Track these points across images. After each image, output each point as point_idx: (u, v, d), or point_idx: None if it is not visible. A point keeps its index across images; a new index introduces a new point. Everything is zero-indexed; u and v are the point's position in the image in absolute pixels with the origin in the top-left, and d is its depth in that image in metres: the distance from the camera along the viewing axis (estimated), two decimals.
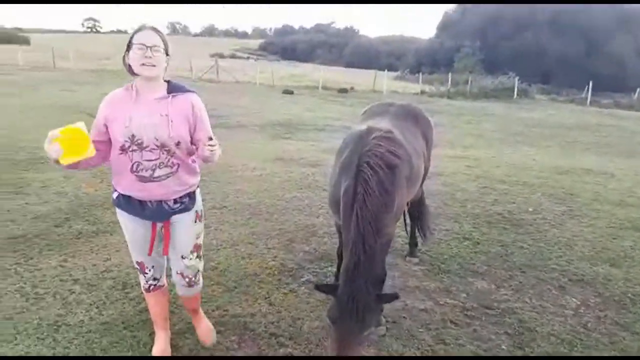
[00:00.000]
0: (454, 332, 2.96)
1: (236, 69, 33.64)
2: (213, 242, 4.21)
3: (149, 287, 2.55)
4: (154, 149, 2.15)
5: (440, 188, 6.22)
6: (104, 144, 2.19)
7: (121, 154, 2.16)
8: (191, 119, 2.24)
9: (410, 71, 40.08)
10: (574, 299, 3.45)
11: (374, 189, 2.41)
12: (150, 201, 2.27)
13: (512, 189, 6.46)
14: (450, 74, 30.47)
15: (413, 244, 4.08)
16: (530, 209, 5.54)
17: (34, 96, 14.16)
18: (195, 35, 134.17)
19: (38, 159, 6.88)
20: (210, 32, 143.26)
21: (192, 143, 2.28)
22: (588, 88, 26.09)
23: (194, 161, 2.36)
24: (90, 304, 3.16)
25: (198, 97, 2.31)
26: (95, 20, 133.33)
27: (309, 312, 3.14)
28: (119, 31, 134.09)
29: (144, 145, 2.14)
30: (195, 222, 2.44)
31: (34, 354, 2.65)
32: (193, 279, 2.52)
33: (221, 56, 50.07)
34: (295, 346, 2.78)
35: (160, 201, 2.29)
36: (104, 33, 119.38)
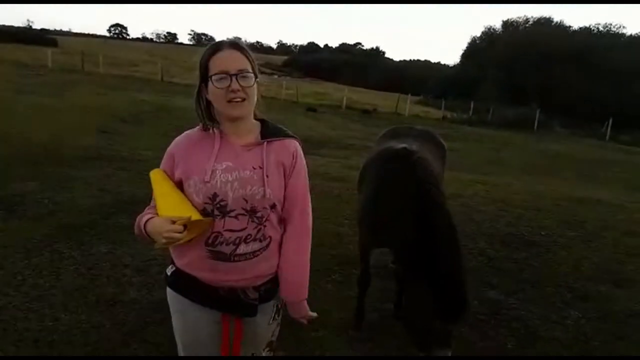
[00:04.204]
0: (465, 331, 3.27)
1: (260, 84, 34.30)
2: None
3: None
4: (241, 214, 1.54)
5: (458, 209, 6.52)
6: None
7: None
8: (287, 173, 1.64)
9: (433, 96, 40.42)
10: (576, 312, 3.74)
11: (442, 207, 2.53)
12: (221, 288, 1.62)
13: (526, 213, 6.75)
14: (472, 102, 30.79)
15: None
16: (543, 232, 5.83)
17: (67, 97, 14.76)
18: None
19: (79, 157, 7.38)
20: None
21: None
22: (608, 124, 26.24)
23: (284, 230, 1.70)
24: (141, 286, 3.57)
25: (299, 144, 1.73)
26: (122, 27, 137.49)
27: (337, 305, 3.49)
28: (145, 38, 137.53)
29: (228, 209, 1.54)
30: (274, 318, 1.79)
31: (95, 324, 3.04)
32: None
33: None
34: (325, 331, 3.13)
35: (235, 289, 1.63)
36: (130, 40, 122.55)
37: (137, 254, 4.08)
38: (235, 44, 1.55)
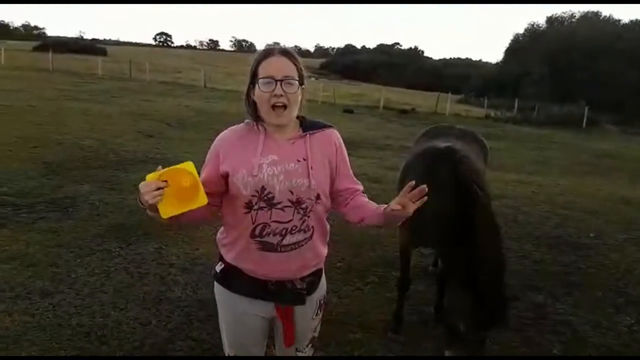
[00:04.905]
0: (509, 335, 3.19)
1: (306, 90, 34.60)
2: None
3: None
4: (287, 206, 1.60)
5: (502, 210, 6.36)
6: (213, 198, 1.61)
7: (246, 212, 1.61)
8: (333, 164, 1.71)
9: (475, 95, 39.50)
10: (628, 318, 3.59)
11: (485, 207, 2.50)
12: (269, 281, 1.69)
13: (574, 215, 6.53)
14: (517, 100, 29.90)
15: None
16: (592, 234, 5.62)
17: (116, 103, 15.35)
18: None
19: (128, 160, 7.68)
20: None
21: (330, 195, 1.75)
22: None
23: (327, 220, 1.79)
24: (186, 284, 3.68)
25: (338, 133, 1.78)
26: (167, 35, 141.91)
27: (375, 307, 3.49)
28: (188, 46, 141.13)
29: (275, 201, 1.59)
30: (317, 313, 1.86)
31: (142, 320, 3.14)
32: None
33: None
34: (364, 333, 3.13)
35: (283, 281, 1.69)
36: (174, 47, 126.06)
37: (182, 254, 4.21)
38: (285, 51, 1.60)
